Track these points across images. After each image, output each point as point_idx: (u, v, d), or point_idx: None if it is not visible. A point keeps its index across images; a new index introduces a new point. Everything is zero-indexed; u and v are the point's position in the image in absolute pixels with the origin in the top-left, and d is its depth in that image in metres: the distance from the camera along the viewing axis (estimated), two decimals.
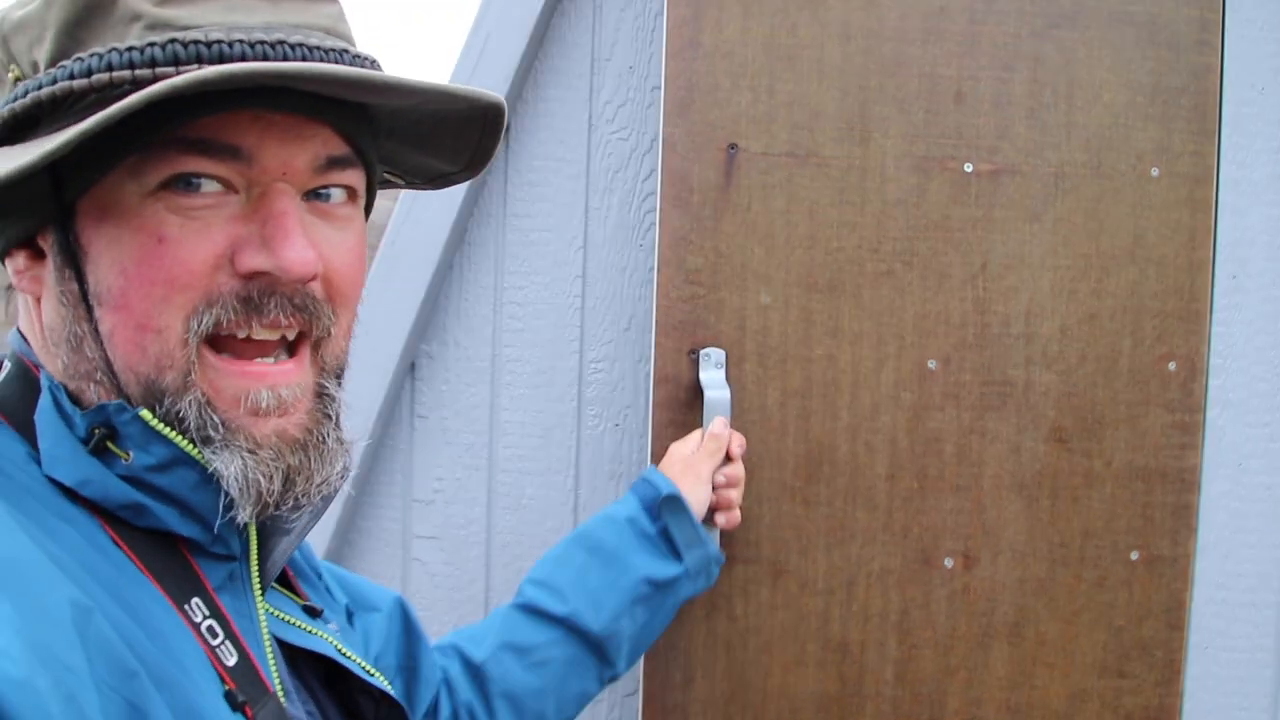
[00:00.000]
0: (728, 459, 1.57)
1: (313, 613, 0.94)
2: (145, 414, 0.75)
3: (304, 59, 0.74)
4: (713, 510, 1.58)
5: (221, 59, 0.72)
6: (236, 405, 0.77)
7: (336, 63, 0.76)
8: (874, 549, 1.74)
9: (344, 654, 0.92)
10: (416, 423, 1.96)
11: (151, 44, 0.71)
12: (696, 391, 1.70)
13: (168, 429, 0.76)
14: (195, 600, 0.77)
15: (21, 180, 0.68)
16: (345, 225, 0.82)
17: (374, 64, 0.81)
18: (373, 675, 0.94)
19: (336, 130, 0.80)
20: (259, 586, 0.85)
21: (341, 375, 0.85)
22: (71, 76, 0.71)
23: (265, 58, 0.73)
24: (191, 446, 0.76)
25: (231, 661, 0.77)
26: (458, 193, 1.82)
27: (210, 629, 0.77)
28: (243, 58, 0.72)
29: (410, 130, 0.90)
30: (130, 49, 0.71)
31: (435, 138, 0.91)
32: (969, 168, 1.72)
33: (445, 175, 0.96)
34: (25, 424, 0.77)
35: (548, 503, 1.95)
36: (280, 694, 0.80)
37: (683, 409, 1.72)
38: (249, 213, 0.76)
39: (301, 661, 0.90)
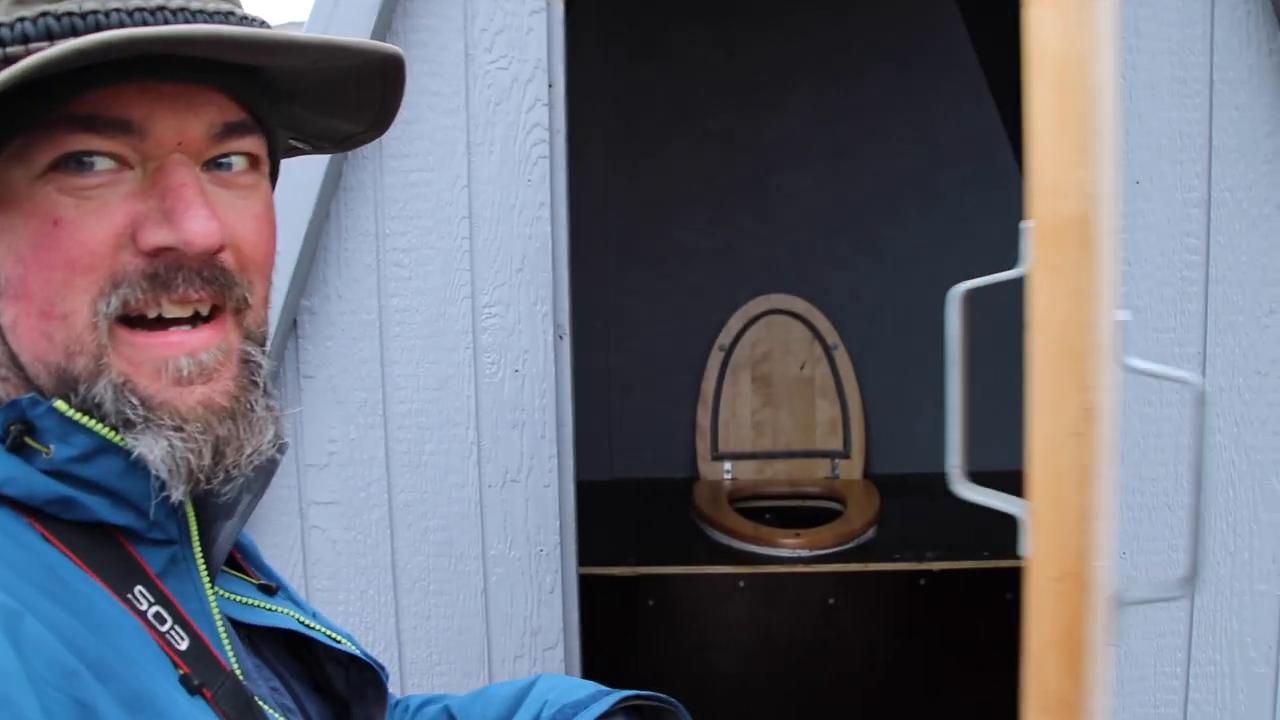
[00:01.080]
0: None
1: (268, 590, 0.92)
2: (60, 404, 0.73)
3: (186, 24, 0.72)
4: None
5: (98, 29, 0.69)
6: (158, 377, 0.75)
7: (221, 25, 0.74)
8: None
9: (306, 624, 0.90)
10: (304, 383, 1.86)
11: (21, 19, 0.69)
12: None
13: (85, 418, 0.73)
14: (138, 589, 0.75)
15: None
16: (249, 193, 0.80)
17: (261, 25, 0.78)
18: (338, 641, 0.92)
19: (231, 96, 0.77)
20: (204, 567, 0.82)
21: (264, 343, 0.83)
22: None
23: (145, 24, 0.70)
24: (113, 433, 0.74)
25: (183, 646, 0.75)
26: None
27: (157, 615, 0.75)
28: (120, 26, 0.70)
29: (310, 92, 0.87)
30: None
31: (337, 98, 0.89)
32: None
33: (352, 136, 0.94)
34: None
35: (450, 457, 1.86)
36: (238, 672, 0.79)
37: None
38: (147, 188, 0.74)
39: (261, 642, 0.88)
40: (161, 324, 0.75)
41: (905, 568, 2.98)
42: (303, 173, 1.70)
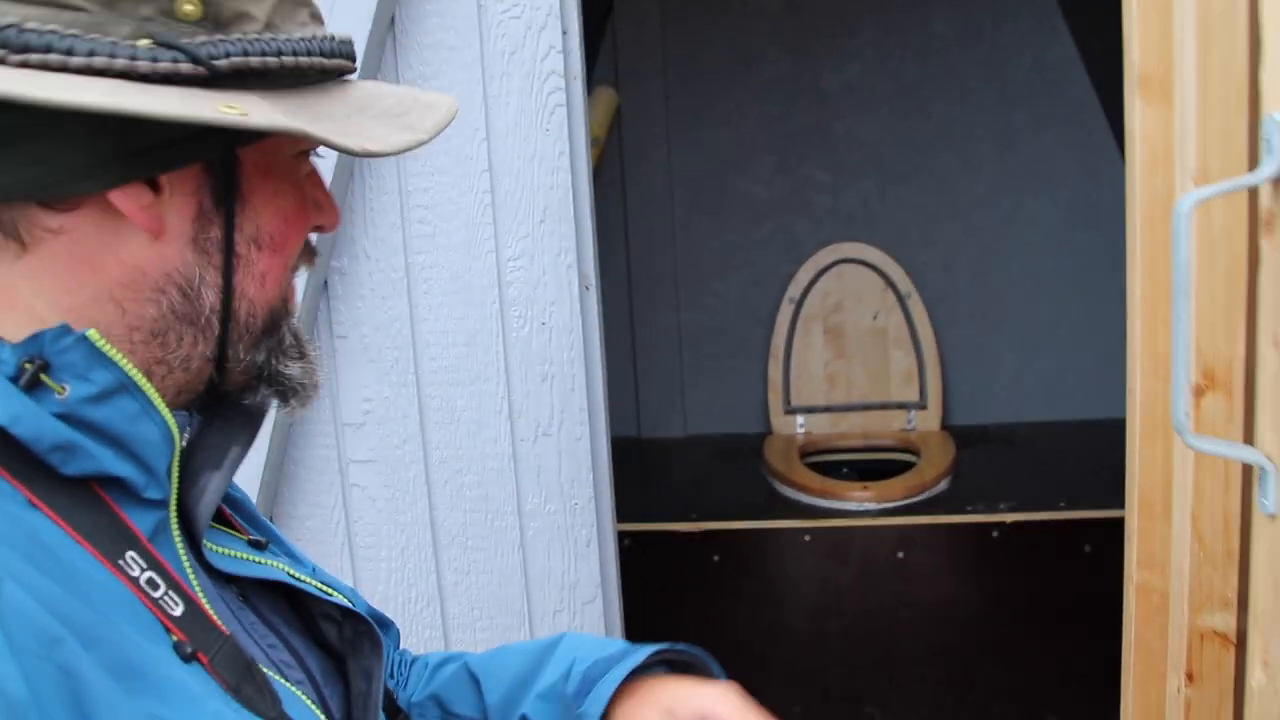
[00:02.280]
0: None
1: (258, 545, 0.92)
2: (93, 333, 0.73)
3: (351, 56, 0.82)
4: None
5: (349, 56, 0.82)
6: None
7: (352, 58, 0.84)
8: None
9: (296, 577, 0.91)
10: (337, 343, 1.87)
11: (331, 37, 0.79)
12: None
13: (115, 351, 0.73)
14: (130, 554, 0.74)
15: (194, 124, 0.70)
16: None
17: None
18: (329, 594, 0.92)
19: None
20: (177, 526, 0.81)
21: None
22: (295, 53, 0.76)
23: (332, 55, 0.80)
24: (137, 372, 0.74)
25: (178, 611, 0.75)
26: None
27: (150, 581, 0.74)
28: (331, 55, 0.80)
29: None
30: (329, 38, 0.79)
31: None
32: None
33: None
34: None
35: (481, 413, 1.86)
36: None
37: None
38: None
39: (257, 598, 0.88)
40: None
41: (977, 519, 2.90)
42: None
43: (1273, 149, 0.74)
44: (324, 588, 0.92)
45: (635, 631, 2.43)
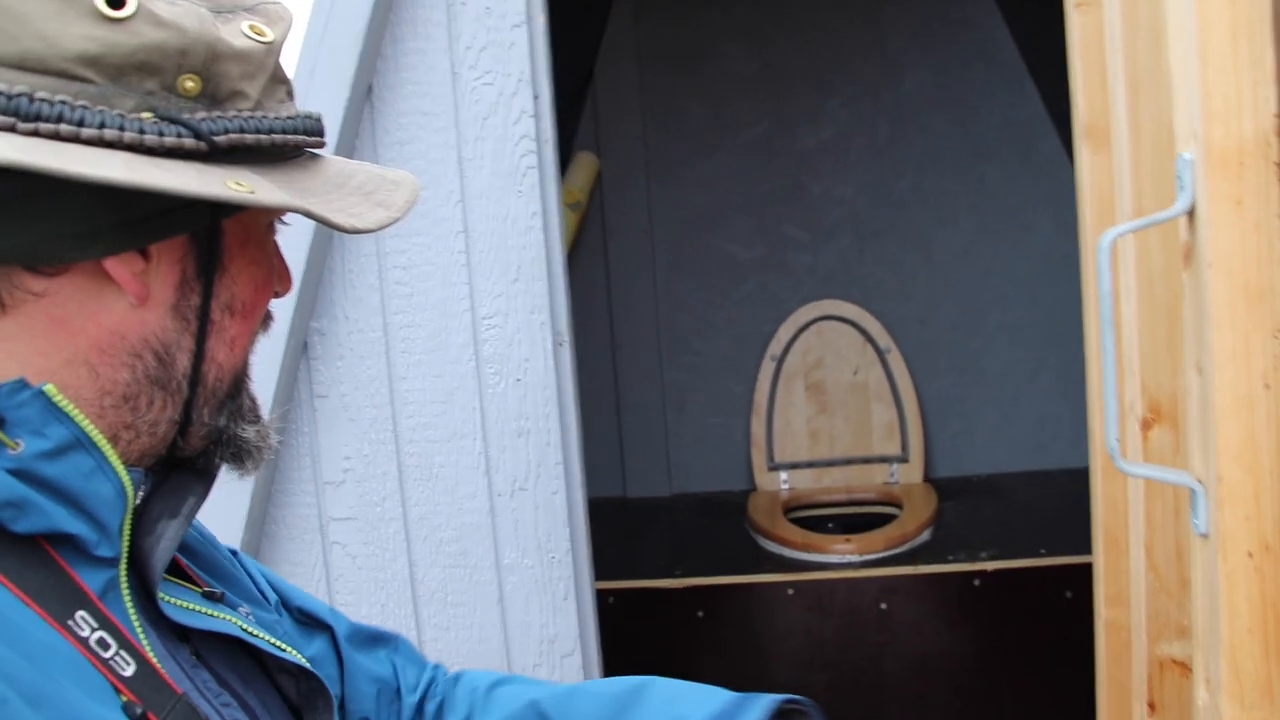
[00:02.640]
0: None
1: (212, 598, 0.90)
2: (50, 388, 0.73)
3: (318, 132, 0.85)
4: None
5: (322, 133, 0.85)
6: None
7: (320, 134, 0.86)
8: None
9: (250, 632, 0.89)
10: (317, 403, 1.90)
11: (309, 115, 0.82)
12: None
13: (72, 407, 0.73)
14: (80, 614, 0.74)
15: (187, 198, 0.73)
16: None
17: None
18: (283, 650, 0.91)
19: None
20: (126, 584, 0.80)
21: None
22: (284, 131, 0.79)
23: (296, 132, 0.82)
24: (92, 427, 0.74)
25: (128, 671, 0.74)
26: None
27: (101, 641, 0.73)
28: (295, 132, 0.82)
29: None
30: (308, 116, 0.82)
31: None
32: None
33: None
34: None
35: (459, 469, 1.89)
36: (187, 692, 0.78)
37: None
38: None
39: (212, 653, 0.86)
40: None
41: (958, 569, 2.92)
42: None
43: (1184, 185, 0.78)
44: (278, 643, 0.91)
45: None
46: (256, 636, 0.89)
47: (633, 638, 2.90)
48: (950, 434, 3.75)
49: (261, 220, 0.84)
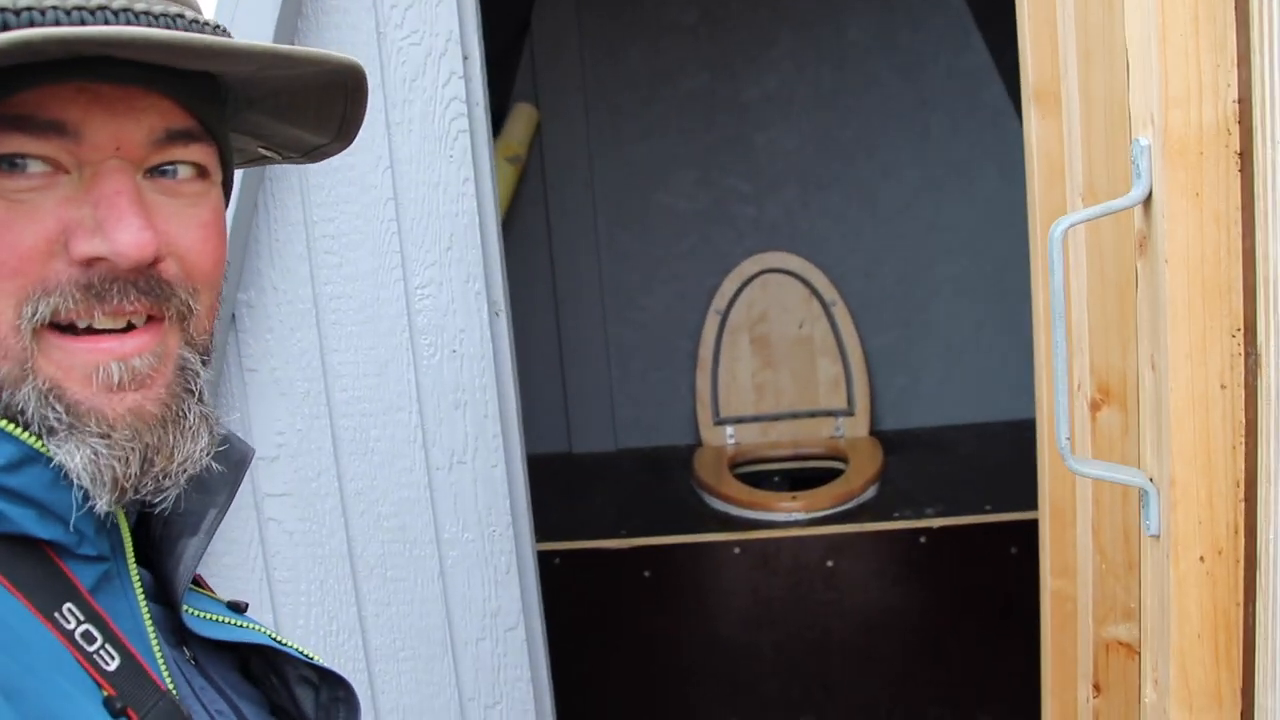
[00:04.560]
0: None
1: (236, 607, 0.91)
2: None
3: (128, 24, 0.69)
4: None
5: (31, 26, 0.66)
6: (89, 383, 0.72)
7: (168, 29, 0.71)
8: None
9: (280, 641, 0.89)
10: (247, 377, 1.83)
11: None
12: None
13: (11, 425, 0.71)
14: (67, 606, 0.73)
15: None
16: (196, 200, 0.78)
17: (216, 30, 0.75)
18: (311, 657, 0.91)
19: (177, 101, 0.75)
20: (139, 583, 0.80)
21: (207, 354, 0.81)
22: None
23: (83, 24, 0.68)
24: (38, 441, 0.71)
25: (112, 666, 0.73)
26: None
27: (86, 634, 0.73)
28: (56, 24, 0.67)
29: (270, 101, 0.85)
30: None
31: (297, 108, 0.86)
32: None
33: (319, 147, 0.92)
34: None
35: (395, 443, 1.84)
36: (174, 693, 0.77)
37: None
38: (82, 194, 0.71)
39: (208, 660, 0.86)
40: (92, 331, 0.73)
41: (904, 526, 2.92)
42: None
43: (1140, 173, 0.74)
44: (306, 651, 0.91)
45: (568, 647, 2.42)
46: (287, 645, 0.89)
47: (579, 598, 2.88)
48: (896, 387, 3.75)
49: None
